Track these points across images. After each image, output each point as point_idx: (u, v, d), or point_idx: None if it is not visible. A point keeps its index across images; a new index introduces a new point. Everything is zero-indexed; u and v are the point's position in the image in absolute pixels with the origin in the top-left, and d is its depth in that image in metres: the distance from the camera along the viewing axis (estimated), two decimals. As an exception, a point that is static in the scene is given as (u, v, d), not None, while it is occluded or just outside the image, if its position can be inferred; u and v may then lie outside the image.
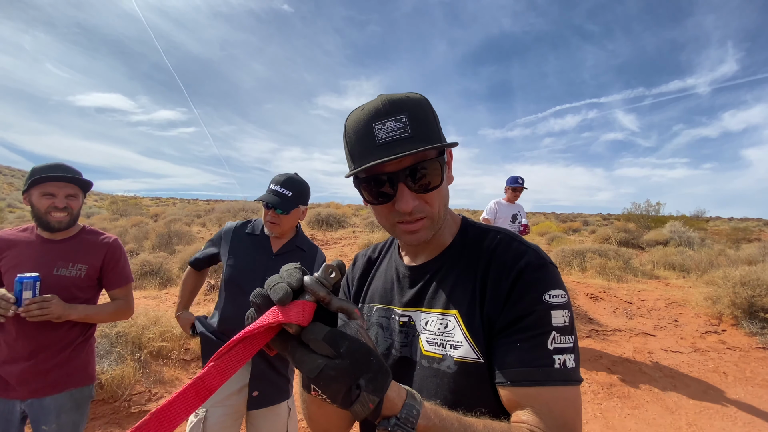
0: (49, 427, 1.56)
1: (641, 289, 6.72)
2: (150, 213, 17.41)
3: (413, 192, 0.70)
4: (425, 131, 0.68)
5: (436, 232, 0.75)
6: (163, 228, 9.91)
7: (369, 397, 0.50)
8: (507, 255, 0.71)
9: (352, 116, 0.71)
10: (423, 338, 0.74)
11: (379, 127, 0.66)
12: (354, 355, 0.50)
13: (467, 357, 0.68)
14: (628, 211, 16.82)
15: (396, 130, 0.66)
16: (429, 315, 0.75)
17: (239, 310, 1.64)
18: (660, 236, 12.54)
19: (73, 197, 1.65)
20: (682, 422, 3.09)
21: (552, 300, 0.65)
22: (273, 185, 1.71)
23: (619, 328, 5.00)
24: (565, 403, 0.61)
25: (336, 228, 13.08)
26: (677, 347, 4.54)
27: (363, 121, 0.68)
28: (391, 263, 0.88)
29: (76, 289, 1.64)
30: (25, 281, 1.45)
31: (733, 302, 5.15)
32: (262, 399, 1.64)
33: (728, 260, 8.61)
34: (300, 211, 1.77)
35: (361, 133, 0.68)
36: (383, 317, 0.82)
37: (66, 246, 1.66)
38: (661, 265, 9.11)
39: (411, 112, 0.68)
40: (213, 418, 1.60)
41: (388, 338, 0.80)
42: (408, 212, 0.70)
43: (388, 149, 0.66)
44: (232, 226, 1.83)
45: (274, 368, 1.67)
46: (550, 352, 0.62)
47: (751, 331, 4.85)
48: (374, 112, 0.67)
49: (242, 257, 1.73)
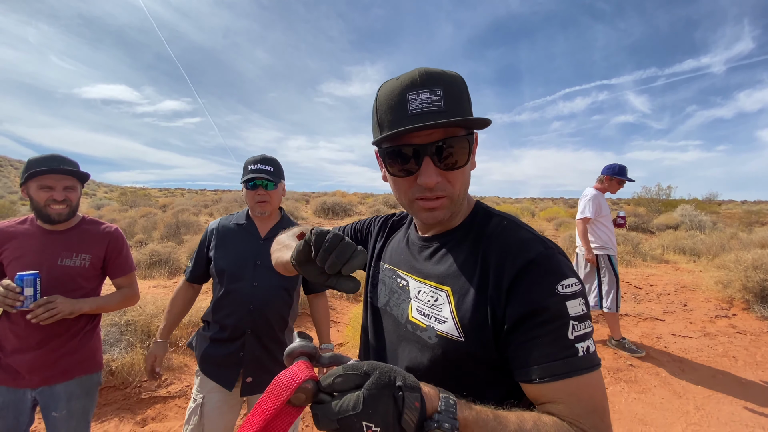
0: (59, 413, 1.59)
1: (650, 274, 6.65)
2: (159, 204, 17.58)
3: (437, 168, 0.70)
4: (458, 108, 0.68)
5: (454, 211, 0.76)
6: (171, 218, 10.01)
7: (411, 395, 0.50)
8: (512, 242, 0.70)
9: (386, 85, 0.72)
10: (414, 305, 0.77)
11: (412, 97, 0.66)
12: (375, 365, 0.52)
13: (449, 333, 0.69)
14: (639, 196, 16.57)
15: (429, 102, 0.66)
16: (423, 285, 0.77)
17: (234, 298, 1.64)
18: (671, 220, 12.35)
19: (70, 189, 1.64)
20: (690, 406, 3.07)
21: (566, 290, 0.64)
22: (252, 165, 1.72)
23: (627, 313, 4.96)
24: (592, 388, 0.62)
25: (342, 216, 13.11)
26: (686, 332, 4.50)
27: (397, 90, 0.68)
28: (407, 230, 0.93)
29: (81, 279, 1.65)
30: (25, 278, 1.45)
31: (745, 286, 5.06)
32: (256, 385, 1.65)
33: (740, 243, 8.46)
34: (283, 185, 1.80)
35: (394, 101, 0.68)
36: (388, 276, 0.88)
37: (68, 236, 1.67)
38: (671, 249, 8.98)
39: (446, 87, 0.67)
40: (210, 404, 1.63)
41: (387, 296, 0.86)
42: (431, 187, 0.70)
43: (419, 120, 0.65)
44: (214, 223, 1.81)
45: (270, 353, 1.68)
46: (572, 341, 0.62)
47: (762, 315, 4.78)
48: (410, 82, 0.67)
49: (231, 247, 1.72)
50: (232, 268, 1.67)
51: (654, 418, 2.92)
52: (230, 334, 1.63)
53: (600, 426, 0.60)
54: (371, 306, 0.91)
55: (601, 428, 0.60)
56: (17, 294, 1.43)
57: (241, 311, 1.63)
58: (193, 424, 1.62)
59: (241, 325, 1.63)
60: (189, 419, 1.64)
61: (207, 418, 1.62)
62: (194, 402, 1.65)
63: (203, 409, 1.62)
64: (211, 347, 1.66)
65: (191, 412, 1.64)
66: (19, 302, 1.43)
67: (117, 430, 2.57)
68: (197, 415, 1.62)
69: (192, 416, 1.63)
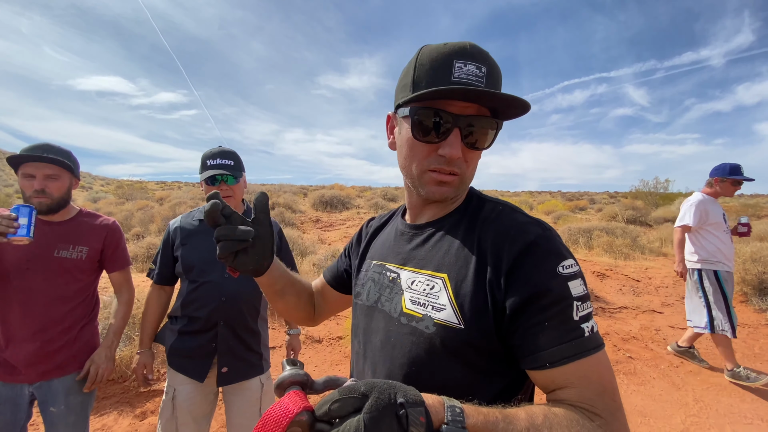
0: (57, 408, 1.57)
1: (648, 267, 6.67)
2: (156, 197, 17.48)
3: (462, 143, 0.69)
4: (496, 90, 0.68)
5: (459, 193, 0.76)
6: (168, 211, 9.95)
7: (415, 410, 0.47)
8: (510, 225, 0.69)
9: (431, 47, 0.70)
10: (407, 296, 0.74)
11: (459, 65, 0.65)
12: (373, 384, 0.48)
13: (448, 321, 0.66)
14: (636, 189, 16.59)
15: (474, 76, 0.66)
16: (416, 275, 0.75)
17: (205, 292, 1.63)
18: (668, 213, 12.38)
19: (52, 178, 1.57)
20: (689, 398, 3.09)
21: (567, 271, 0.63)
22: (210, 160, 1.69)
23: (626, 306, 4.98)
24: (602, 368, 0.61)
25: (340, 209, 13.07)
26: (684, 324, 4.51)
27: (445, 53, 0.67)
28: (394, 223, 0.91)
29: (78, 272, 1.62)
30: (21, 208, 1.40)
31: (743, 279, 5.09)
32: (233, 375, 1.65)
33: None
34: (244, 178, 1.78)
35: (439, 63, 0.67)
36: (377, 272, 0.85)
37: (65, 228, 1.64)
38: (669, 243, 9.00)
39: (490, 68, 0.67)
40: (182, 396, 1.62)
41: (377, 292, 0.82)
42: (453, 160, 0.69)
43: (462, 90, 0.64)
44: (175, 222, 1.77)
45: (244, 343, 1.67)
46: (577, 322, 0.61)
47: (760, 307, 4.80)
48: (460, 50, 0.66)
49: (197, 242, 1.69)
50: (200, 263, 1.65)
51: (653, 410, 2.93)
52: (202, 326, 1.62)
53: (612, 406, 0.59)
54: (361, 307, 0.87)
55: (612, 408, 0.59)
56: (11, 221, 1.36)
57: (212, 304, 1.61)
58: (166, 417, 1.62)
59: (213, 317, 1.61)
60: (162, 413, 1.64)
61: (180, 411, 1.61)
62: (166, 395, 1.65)
63: (175, 402, 1.62)
64: (179, 340, 1.64)
65: (164, 406, 1.64)
66: (12, 229, 1.36)
67: (116, 423, 2.55)
68: (170, 408, 1.62)
69: (165, 410, 1.63)
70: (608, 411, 0.58)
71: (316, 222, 10.61)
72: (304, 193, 18.59)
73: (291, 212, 11.18)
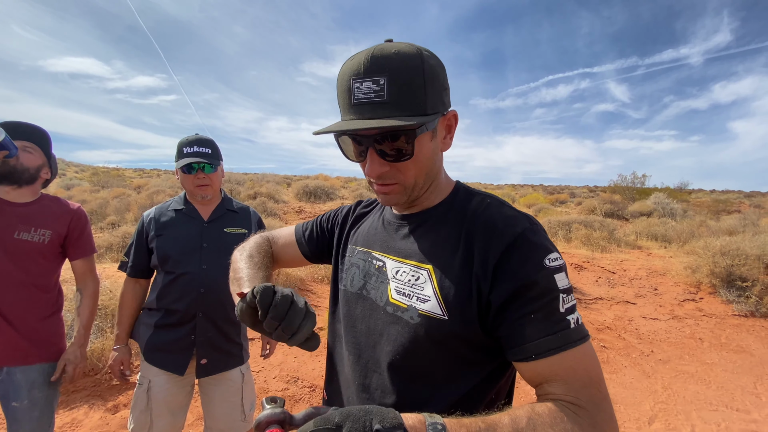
0: (20, 403, 1.50)
1: (624, 259, 6.87)
2: (133, 185, 16.97)
3: (383, 159, 0.68)
4: (404, 98, 0.64)
5: (412, 197, 0.75)
6: (145, 200, 9.67)
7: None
8: (498, 219, 0.69)
9: (344, 65, 0.69)
10: (392, 286, 0.74)
11: (357, 85, 0.64)
12: (348, 413, 0.47)
13: (432, 312, 0.67)
14: (615, 183, 17.02)
15: (371, 92, 0.64)
16: (402, 265, 0.75)
17: (183, 283, 1.59)
18: (644, 207, 12.75)
19: (26, 150, 1.51)
20: (658, 386, 3.20)
21: (552, 264, 0.64)
22: (187, 148, 1.63)
23: (601, 297, 5.12)
24: (587, 359, 0.61)
25: (324, 200, 12.96)
26: (656, 315, 4.68)
27: (346, 74, 0.66)
28: (380, 212, 0.90)
29: (39, 256, 1.55)
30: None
31: (712, 271, 5.29)
32: (211, 366, 1.62)
33: (709, 231, 8.82)
34: (222, 167, 1.73)
35: (343, 87, 0.67)
36: (362, 259, 0.84)
37: (27, 210, 1.56)
38: (644, 236, 9.30)
39: (392, 74, 0.63)
40: (157, 387, 1.58)
41: (362, 279, 0.81)
42: (375, 178, 0.71)
43: (360, 111, 0.64)
44: (149, 213, 1.71)
45: (223, 334, 1.64)
46: (563, 314, 0.61)
47: (727, 299, 5.01)
48: (356, 68, 0.64)
49: (173, 233, 1.64)
50: (177, 254, 1.60)
51: (624, 397, 3.03)
52: (180, 319, 1.58)
53: (597, 396, 0.59)
54: (344, 292, 0.86)
55: (597, 399, 0.59)
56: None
57: (191, 295, 1.57)
58: (140, 409, 1.58)
59: (192, 309, 1.58)
60: (135, 405, 1.59)
61: (155, 402, 1.58)
62: (140, 387, 1.60)
63: (150, 394, 1.58)
64: (156, 335, 1.60)
65: (137, 398, 1.60)
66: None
67: (86, 417, 2.48)
68: (144, 400, 1.58)
69: (138, 402, 1.59)
70: (593, 403, 0.58)
71: (299, 212, 10.50)
72: (287, 183, 18.36)
73: (274, 202, 11.02)
